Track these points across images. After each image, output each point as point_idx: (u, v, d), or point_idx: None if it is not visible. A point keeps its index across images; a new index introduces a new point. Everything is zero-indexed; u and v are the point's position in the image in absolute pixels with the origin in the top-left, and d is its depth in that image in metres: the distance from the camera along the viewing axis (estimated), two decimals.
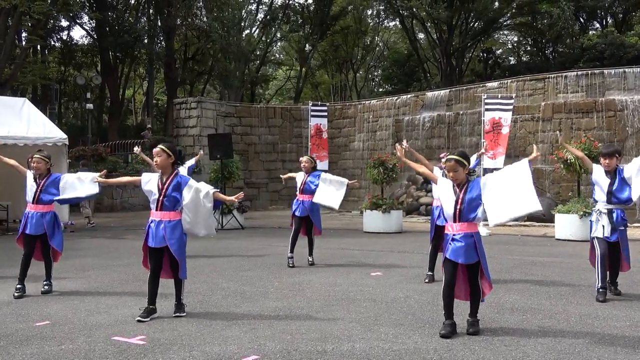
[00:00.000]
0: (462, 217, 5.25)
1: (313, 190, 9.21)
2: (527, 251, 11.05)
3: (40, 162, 7.08)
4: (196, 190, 5.87)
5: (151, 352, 4.72)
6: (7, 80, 24.33)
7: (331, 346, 4.86)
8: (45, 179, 7.13)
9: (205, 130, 24.70)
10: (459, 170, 5.30)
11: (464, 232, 5.24)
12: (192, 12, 33.90)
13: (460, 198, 5.27)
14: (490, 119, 15.89)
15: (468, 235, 5.22)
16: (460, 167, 5.29)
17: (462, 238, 5.22)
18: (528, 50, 42.08)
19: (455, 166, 5.29)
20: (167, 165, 5.86)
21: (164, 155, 5.82)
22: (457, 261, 5.22)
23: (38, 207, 7.08)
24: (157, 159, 5.84)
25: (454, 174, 5.32)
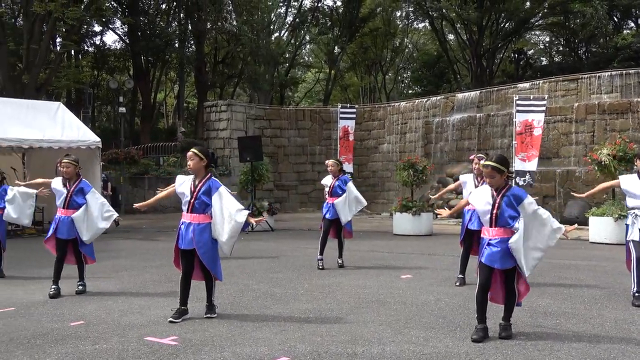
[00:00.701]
0: (499, 222, 5.17)
1: (341, 194, 9.25)
2: (560, 254, 10.86)
3: (69, 166, 7.19)
4: (226, 203, 5.79)
5: (183, 353, 4.76)
6: (42, 85, 24.84)
7: (361, 349, 4.84)
8: (76, 184, 7.23)
9: (235, 132, 24.88)
10: (496, 177, 5.19)
11: (500, 237, 5.15)
12: (222, 16, 34.19)
13: (497, 202, 5.17)
14: (523, 121, 15.67)
15: (504, 240, 5.13)
16: (498, 173, 5.17)
17: (498, 243, 5.14)
18: (560, 50, 41.45)
19: (492, 173, 5.19)
20: (200, 169, 5.90)
21: (196, 159, 5.88)
22: (492, 266, 5.16)
23: (69, 211, 7.19)
24: (190, 162, 5.89)
25: (491, 180, 5.21)
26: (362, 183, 26.54)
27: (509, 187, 5.25)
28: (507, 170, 5.23)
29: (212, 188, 5.86)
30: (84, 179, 7.40)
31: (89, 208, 7.25)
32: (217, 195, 5.83)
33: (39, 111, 16.56)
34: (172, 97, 48.91)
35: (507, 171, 5.25)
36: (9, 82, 23.45)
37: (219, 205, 5.81)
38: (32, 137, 15.05)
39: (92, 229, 7.30)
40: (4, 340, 5.18)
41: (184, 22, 35.21)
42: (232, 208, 5.78)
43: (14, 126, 15.14)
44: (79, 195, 7.23)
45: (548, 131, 19.89)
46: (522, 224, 5.10)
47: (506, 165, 5.24)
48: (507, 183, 5.27)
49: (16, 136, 14.81)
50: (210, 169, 6.02)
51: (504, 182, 5.24)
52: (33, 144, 15.07)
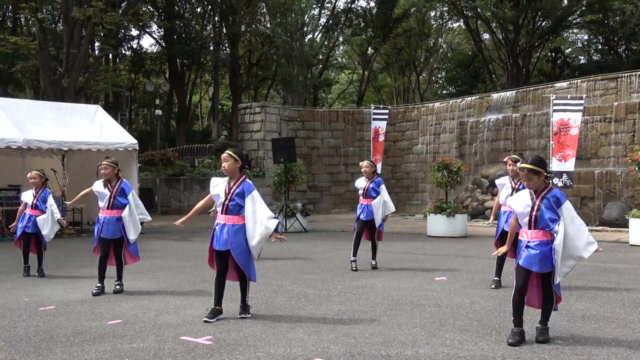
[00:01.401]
0: (538, 225, 5.07)
1: (375, 196, 9.24)
2: (599, 257, 10.63)
3: (107, 167, 7.38)
4: (258, 207, 5.82)
5: (217, 352, 4.81)
6: (81, 88, 25.38)
7: (395, 351, 4.82)
8: (117, 184, 7.43)
9: (269, 134, 25.03)
10: (534, 179, 5.08)
11: (539, 239, 5.05)
12: (256, 18, 34.47)
13: (537, 205, 5.07)
14: (559, 120, 15.40)
15: (543, 243, 5.03)
16: (535, 175, 5.07)
17: (537, 246, 5.04)
18: (599, 48, 40.63)
19: (529, 175, 5.08)
20: (234, 170, 5.94)
21: (231, 160, 5.92)
22: (530, 269, 5.07)
23: (112, 212, 7.37)
24: (225, 164, 5.93)
25: (529, 182, 5.11)
26: (396, 184, 26.43)
27: (549, 189, 5.14)
28: (544, 171, 5.13)
29: (245, 191, 5.88)
30: (125, 180, 7.60)
31: (131, 208, 7.46)
32: (250, 198, 5.85)
33: (78, 114, 16.94)
34: (206, 100, 49.49)
35: (545, 172, 5.15)
36: (49, 85, 24.03)
37: (251, 208, 5.84)
38: (71, 139, 15.40)
39: (136, 228, 7.53)
40: (44, 337, 5.31)
41: (219, 25, 35.59)
42: (264, 214, 5.82)
43: (54, 129, 15.52)
44: (122, 196, 7.43)
45: (587, 131, 19.51)
46: (562, 228, 5.01)
47: (543, 166, 5.12)
48: (547, 184, 5.17)
49: (56, 138, 15.16)
50: (244, 171, 6.04)
51: (544, 183, 5.14)
52: (72, 146, 15.41)
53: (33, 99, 25.62)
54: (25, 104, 17.13)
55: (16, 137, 14.38)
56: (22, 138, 14.38)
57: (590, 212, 17.43)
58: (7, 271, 9.37)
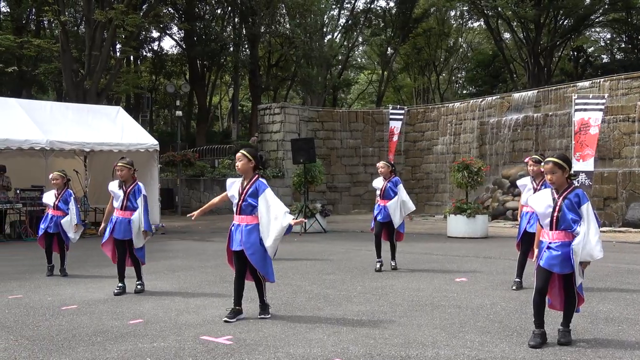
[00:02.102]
0: (560, 225, 4.99)
1: (393, 196, 9.20)
2: (622, 258, 10.49)
3: (123, 169, 7.39)
4: (272, 205, 5.84)
5: (237, 352, 4.83)
6: (103, 90, 25.67)
7: (415, 352, 4.80)
8: (132, 186, 7.43)
9: (289, 135, 25.08)
10: (558, 173, 5.00)
11: (560, 240, 4.97)
12: (275, 19, 34.58)
13: (559, 205, 4.98)
14: (579, 120, 15.22)
15: (565, 244, 4.95)
16: (559, 170, 4.99)
17: (559, 247, 4.96)
18: (622, 47, 40.11)
19: (553, 168, 5.01)
20: (248, 170, 5.97)
21: (244, 160, 5.95)
22: (551, 270, 5.01)
23: (126, 213, 7.39)
24: (239, 163, 5.97)
25: (552, 176, 5.03)
26: (416, 185, 26.32)
27: (572, 188, 5.07)
28: (569, 169, 5.06)
29: (259, 190, 5.89)
30: (139, 183, 7.58)
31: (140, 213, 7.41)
32: (263, 196, 5.86)
33: (99, 115, 17.13)
34: (226, 100, 49.75)
35: (570, 170, 5.06)
36: (72, 87, 24.33)
37: (265, 206, 5.85)
38: (93, 140, 15.56)
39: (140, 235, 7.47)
40: (67, 337, 5.37)
41: (239, 26, 35.78)
42: (279, 211, 5.81)
43: (77, 130, 15.70)
44: (135, 198, 7.43)
45: (609, 131, 19.26)
46: (583, 228, 4.94)
47: (568, 164, 5.05)
48: (571, 184, 5.10)
49: (78, 139, 15.34)
50: (258, 171, 6.06)
51: (567, 182, 5.07)
52: (94, 147, 15.57)
53: (56, 101, 25.99)
54: (48, 105, 17.36)
55: (39, 138, 14.57)
56: (45, 139, 14.58)
57: (613, 213, 17.20)
58: (30, 270, 9.50)
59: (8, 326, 5.80)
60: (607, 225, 16.72)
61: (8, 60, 27.63)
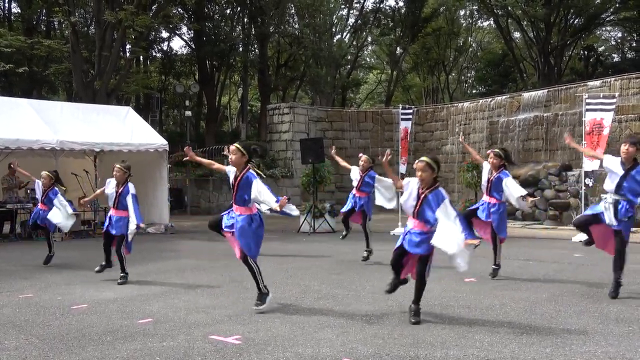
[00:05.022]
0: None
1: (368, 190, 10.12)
2: (632, 258, 10.39)
3: (118, 171, 8.25)
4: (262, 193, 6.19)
5: (246, 352, 4.83)
6: (112, 90, 25.76)
7: (424, 352, 4.79)
8: (122, 187, 8.21)
9: (298, 135, 25.08)
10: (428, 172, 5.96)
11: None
12: (284, 19, 34.58)
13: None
14: (591, 120, 15.11)
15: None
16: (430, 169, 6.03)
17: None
18: (633, 46, 39.81)
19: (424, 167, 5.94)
20: (240, 163, 6.35)
21: (238, 154, 6.34)
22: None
23: (118, 212, 8.23)
24: (232, 156, 6.34)
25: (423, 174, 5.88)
26: None
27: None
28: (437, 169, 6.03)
29: (249, 179, 6.25)
30: (129, 185, 8.27)
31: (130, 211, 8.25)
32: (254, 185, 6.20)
33: (109, 115, 17.20)
34: (236, 100, 49.79)
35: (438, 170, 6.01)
36: (82, 88, 24.45)
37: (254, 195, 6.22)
38: (103, 140, 15.63)
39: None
40: (76, 336, 5.40)
41: (248, 26, 35.80)
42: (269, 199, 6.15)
43: (87, 130, 15.77)
44: (124, 198, 8.20)
45: (620, 131, 19.12)
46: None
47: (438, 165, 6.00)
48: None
49: (88, 139, 15.41)
50: (250, 163, 6.43)
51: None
52: (104, 147, 15.65)
53: (66, 101, 26.11)
54: (58, 106, 17.45)
55: (50, 138, 14.65)
56: (55, 139, 14.66)
57: None
58: (40, 270, 9.57)
59: (19, 325, 5.84)
60: None
61: (19, 60, 27.77)
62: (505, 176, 8.31)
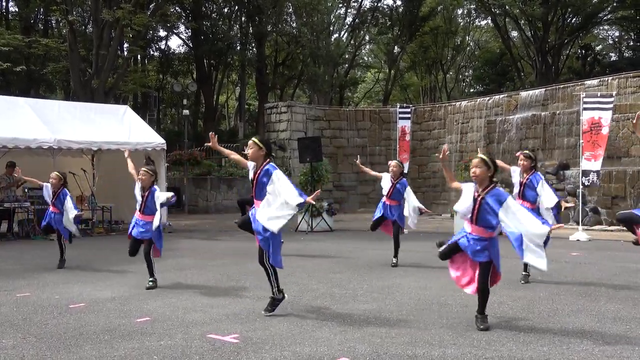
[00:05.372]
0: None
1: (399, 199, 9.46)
2: (630, 257, 10.44)
3: (144, 175, 7.84)
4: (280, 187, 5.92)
5: (244, 351, 4.83)
6: (110, 89, 25.74)
7: (422, 351, 4.79)
8: (148, 192, 7.82)
9: (295, 133, 25.08)
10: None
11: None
12: (282, 18, 34.58)
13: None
14: (589, 119, 15.14)
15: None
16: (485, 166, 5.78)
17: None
18: (631, 45, 39.88)
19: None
20: (258, 157, 6.13)
21: (255, 147, 6.13)
22: None
23: (144, 216, 7.82)
24: (249, 150, 6.15)
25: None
26: (423, 183, 26.26)
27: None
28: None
29: (268, 172, 5.99)
30: (155, 187, 7.91)
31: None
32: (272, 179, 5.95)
33: (107, 114, 17.18)
34: (233, 99, 49.78)
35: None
36: (79, 86, 24.43)
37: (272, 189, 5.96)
38: (100, 139, 15.61)
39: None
40: (74, 334, 5.40)
41: (246, 25, 35.80)
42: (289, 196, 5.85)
43: (84, 129, 15.75)
44: (151, 203, 7.79)
45: (618, 130, 19.14)
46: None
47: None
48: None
49: (86, 138, 15.39)
50: (268, 157, 6.16)
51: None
52: (102, 145, 15.62)
53: (63, 100, 26.08)
54: (56, 104, 17.42)
55: (47, 137, 14.63)
56: (53, 138, 14.63)
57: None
58: (38, 269, 9.55)
59: (16, 324, 5.84)
60: (615, 225, 16.64)
61: (16, 59, 27.74)
62: (539, 179, 8.00)
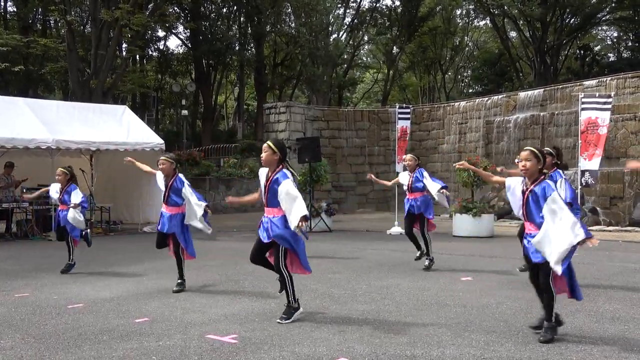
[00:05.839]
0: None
1: (421, 187, 9.14)
2: (629, 257, 10.45)
3: (164, 163, 7.39)
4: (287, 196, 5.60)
5: (243, 351, 4.83)
6: (109, 89, 25.71)
7: (420, 351, 4.79)
8: (172, 180, 7.40)
9: (294, 134, 25.08)
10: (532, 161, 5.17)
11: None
12: (281, 18, 34.59)
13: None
14: (586, 119, 15.15)
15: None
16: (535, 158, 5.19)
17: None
18: (629, 45, 39.92)
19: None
20: (272, 162, 5.77)
21: (269, 151, 5.77)
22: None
23: (169, 208, 7.46)
24: (263, 154, 5.79)
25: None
26: None
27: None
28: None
29: (279, 179, 5.67)
30: (180, 175, 7.50)
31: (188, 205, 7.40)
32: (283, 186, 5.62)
33: (105, 114, 17.16)
34: (232, 100, 49.77)
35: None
36: (78, 86, 24.40)
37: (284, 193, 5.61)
38: (99, 139, 15.59)
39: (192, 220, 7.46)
40: (72, 335, 5.39)
41: (244, 25, 35.81)
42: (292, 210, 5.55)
43: (82, 129, 15.73)
44: (175, 194, 7.42)
45: (616, 130, 19.17)
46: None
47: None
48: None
49: (84, 139, 15.37)
50: (284, 162, 5.81)
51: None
52: (100, 146, 15.61)
53: (62, 100, 26.05)
54: (54, 105, 17.39)
55: (46, 137, 14.61)
56: (51, 138, 14.61)
57: (619, 212, 17.13)
58: (36, 269, 9.54)
59: (15, 324, 5.83)
60: (613, 225, 16.65)
61: (15, 59, 27.73)
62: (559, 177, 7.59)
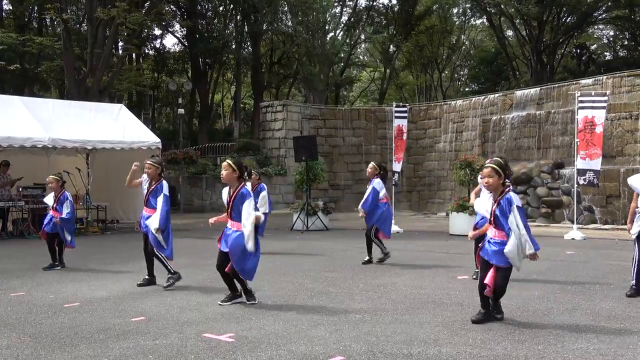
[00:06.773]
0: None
1: None
2: (625, 256, 10.46)
3: (150, 167, 7.56)
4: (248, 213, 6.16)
5: (239, 350, 4.83)
6: (105, 87, 25.66)
7: (417, 349, 4.80)
8: (155, 184, 7.55)
9: (291, 132, 25.07)
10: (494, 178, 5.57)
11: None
12: (277, 17, 34.54)
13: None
14: (583, 118, 15.18)
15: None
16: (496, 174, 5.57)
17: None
18: (625, 44, 39.96)
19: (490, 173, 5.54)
20: (232, 179, 6.26)
21: (229, 170, 6.23)
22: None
23: (147, 209, 7.61)
24: (223, 172, 6.24)
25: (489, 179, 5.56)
26: (418, 182, 26.30)
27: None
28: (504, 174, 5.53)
29: (244, 195, 6.21)
30: (164, 182, 7.61)
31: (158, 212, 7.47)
32: (247, 203, 6.18)
33: (101, 113, 17.13)
34: (229, 98, 49.72)
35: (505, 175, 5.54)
36: (74, 85, 24.35)
37: (246, 213, 6.19)
38: (95, 138, 15.57)
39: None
40: (69, 334, 5.38)
41: (241, 23, 35.75)
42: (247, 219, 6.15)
43: (79, 128, 15.70)
44: (153, 197, 7.53)
45: (612, 129, 19.20)
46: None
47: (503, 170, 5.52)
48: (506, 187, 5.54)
49: (81, 137, 15.34)
50: (242, 180, 6.31)
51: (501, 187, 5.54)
52: (96, 144, 15.59)
53: (58, 99, 26.00)
54: (50, 103, 17.36)
55: (42, 136, 14.58)
56: (47, 137, 14.58)
57: (615, 211, 17.17)
58: (32, 268, 9.52)
59: (10, 324, 5.82)
60: (609, 223, 16.70)
61: (10, 58, 27.63)
62: None
